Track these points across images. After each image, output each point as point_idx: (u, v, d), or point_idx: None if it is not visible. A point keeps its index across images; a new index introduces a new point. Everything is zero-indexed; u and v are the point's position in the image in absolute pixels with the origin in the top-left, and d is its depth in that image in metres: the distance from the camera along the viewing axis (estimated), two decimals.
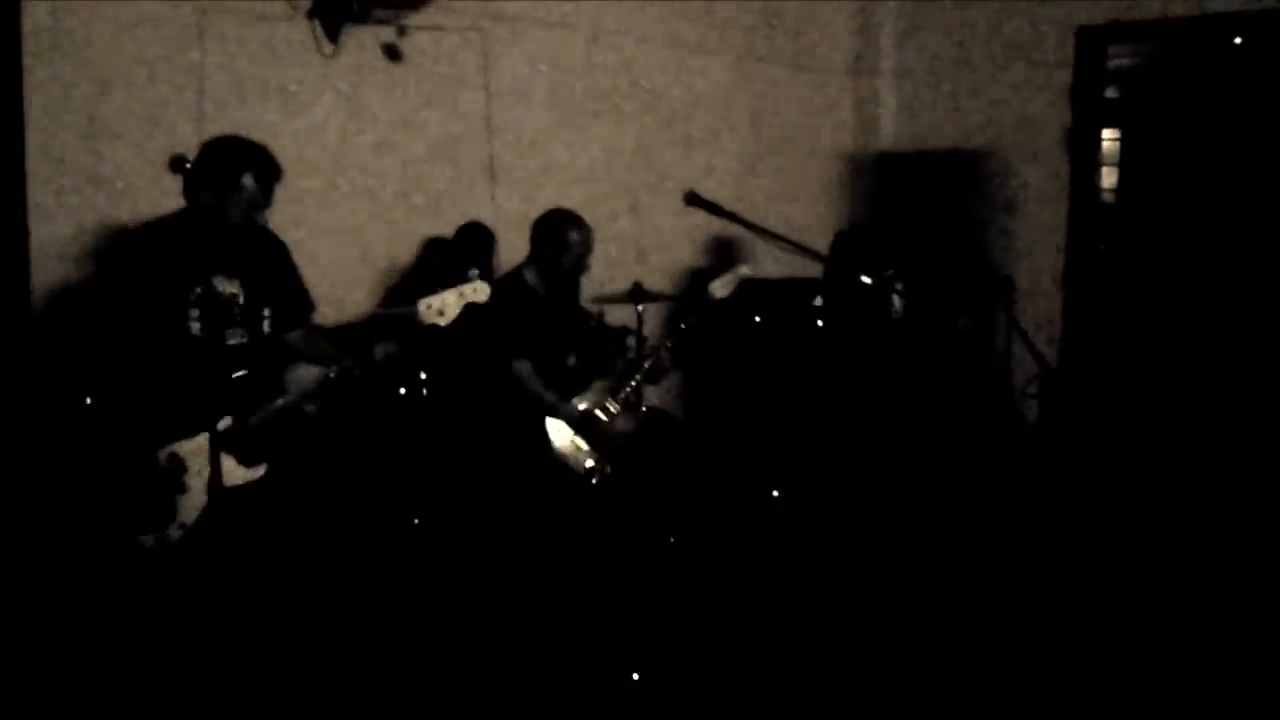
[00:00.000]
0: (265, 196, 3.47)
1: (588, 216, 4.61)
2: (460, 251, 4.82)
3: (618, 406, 4.37)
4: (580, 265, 4.53)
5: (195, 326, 3.39)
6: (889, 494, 4.92)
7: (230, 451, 3.33)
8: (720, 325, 5.07)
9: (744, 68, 6.21)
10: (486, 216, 5.12)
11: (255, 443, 3.41)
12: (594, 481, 4.24)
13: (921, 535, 4.69)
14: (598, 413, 4.33)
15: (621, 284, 4.86)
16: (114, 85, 4.30)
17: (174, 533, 3.29)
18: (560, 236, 4.45)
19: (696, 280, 5.78)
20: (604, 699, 3.51)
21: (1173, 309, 5.69)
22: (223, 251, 3.44)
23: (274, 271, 3.64)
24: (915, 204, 6.27)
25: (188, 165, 3.35)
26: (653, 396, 4.92)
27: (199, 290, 3.36)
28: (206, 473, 3.17)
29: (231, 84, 4.55)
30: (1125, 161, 6.02)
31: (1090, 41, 6.00)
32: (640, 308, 4.72)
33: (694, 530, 4.58)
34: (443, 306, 3.55)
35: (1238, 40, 5.57)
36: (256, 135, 4.50)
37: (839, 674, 3.70)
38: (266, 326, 3.55)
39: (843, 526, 4.75)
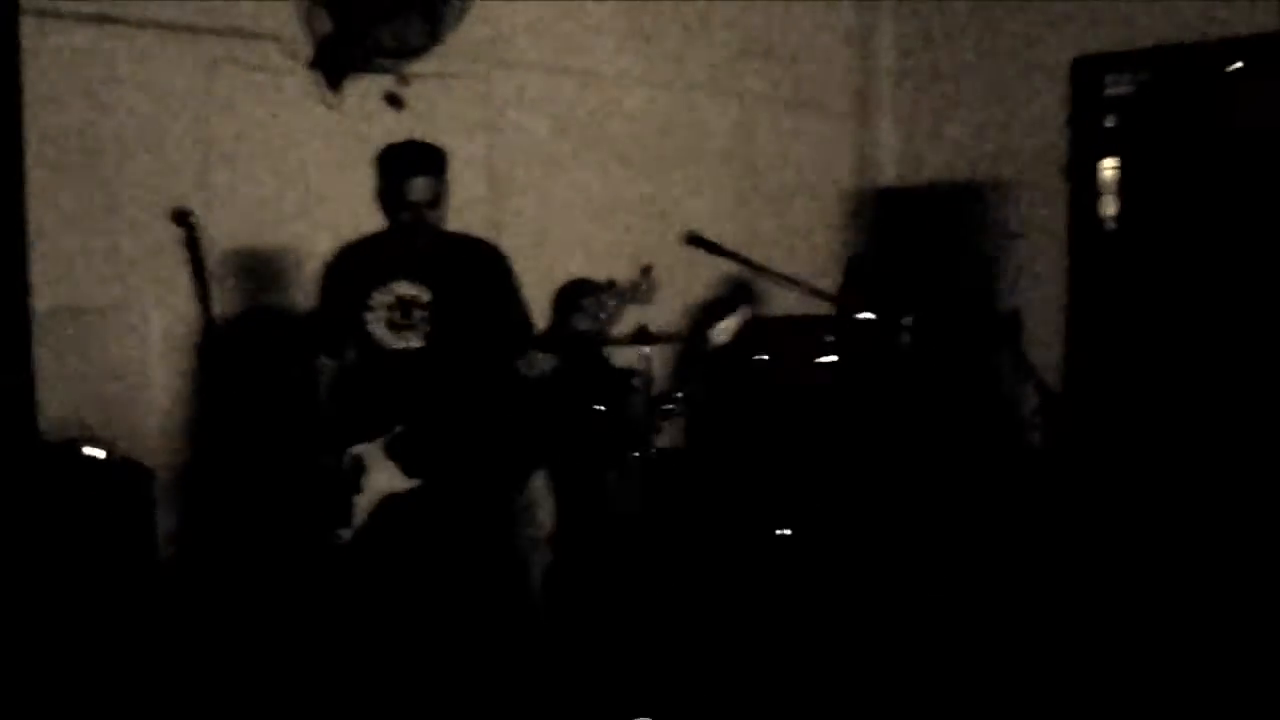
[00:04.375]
0: (431, 195, 3.52)
1: (591, 260, 4.65)
2: None
3: None
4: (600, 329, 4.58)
5: (375, 330, 3.53)
6: (897, 529, 4.91)
7: (396, 459, 3.48)
8: (724, 365, 5.09)
9: (745, 108, 6.25)
10: None
11: (417, 453, 3.50)
12: None
13: (931, 568, 4.69)
14: None
15: (626, 326, 4.86)
16: (119, 141, 4.33)
17: (344, 534, 3.46)
18: (574, 304, 4.53)
19: (701, 323, 5.80)
20: None
21: (1177, 335, 5.69)
22: (412, 257, 3.56)
23: (477, 282, 3.64)
24: (918, 238, 6.29)
25: (190, 218, 3.42)
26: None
27: (377, 293, 3.53)
28: (379, 477, 3.44)
29: (236, 136, 4.58)
30: (1125, 189, 6.04)
31: (1087, 71, 6.03)
32: (647, 350, 4.73)
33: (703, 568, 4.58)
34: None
35: (1236, 65, 5.60)
36: (262, 186, 4.63)
37: (853, 702, 3.70)
38: (450, 328, 3.56)
39: (852, 562, 4.74)
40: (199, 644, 3.74)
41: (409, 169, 3.51)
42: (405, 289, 3.55)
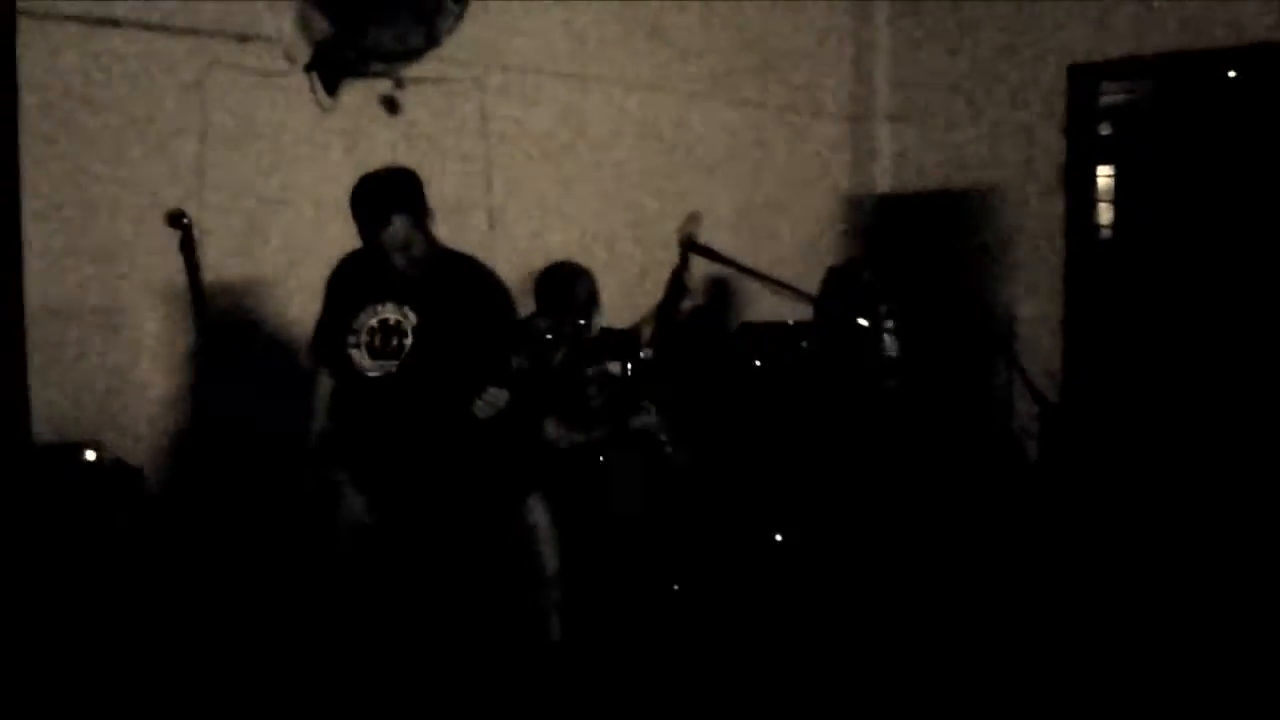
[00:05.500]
0: (405, 238, 3.36)
1: (586, 263, 4.65)
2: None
3: None
4: (587, 311, 4.55)
5: (354, 354, 3.42)
6: (891, 534, 4.91)
7: (363, 492, 3.43)
8: (719, 369, 5.09)
9: (741, 114, 6.25)
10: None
11: (380, 489, 3.43)
12: None
13: (926, 576, 4.68)
14: None
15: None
16: (114, 143, 4.32)
17: (332, 553, 3.45)
18: (563, 289, 4.49)
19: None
20: None
21: (1174, 343, 5.70)
22: (402, 278, 3.41)
23: (465, 311, 3.45)
24: (913, 245, 6.30)
25: (185, 220, 3.41)
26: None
27: (363, 314, 3.42)
28: (351, 507, 3.41)
29: (232, 139, 4.57)
30: (1121, 197, 6.05)
31: (1083, 79, 6.05)
32: (643, 354, 4.73)
33: (698, 575, 4.57)
34: None
35: (1230, 74, 5.61)
36: (257, 190, 4.62)
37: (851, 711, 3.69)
38: (430, 358, 3.40)
39: (847, 566, 4.73)
40: (187, 644, 3.72)
41: (379, 214, 3.36)
42: (390, 312, 3.44)
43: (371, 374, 3.41)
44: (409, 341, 3.40)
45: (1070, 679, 3.88)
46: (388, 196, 3.39)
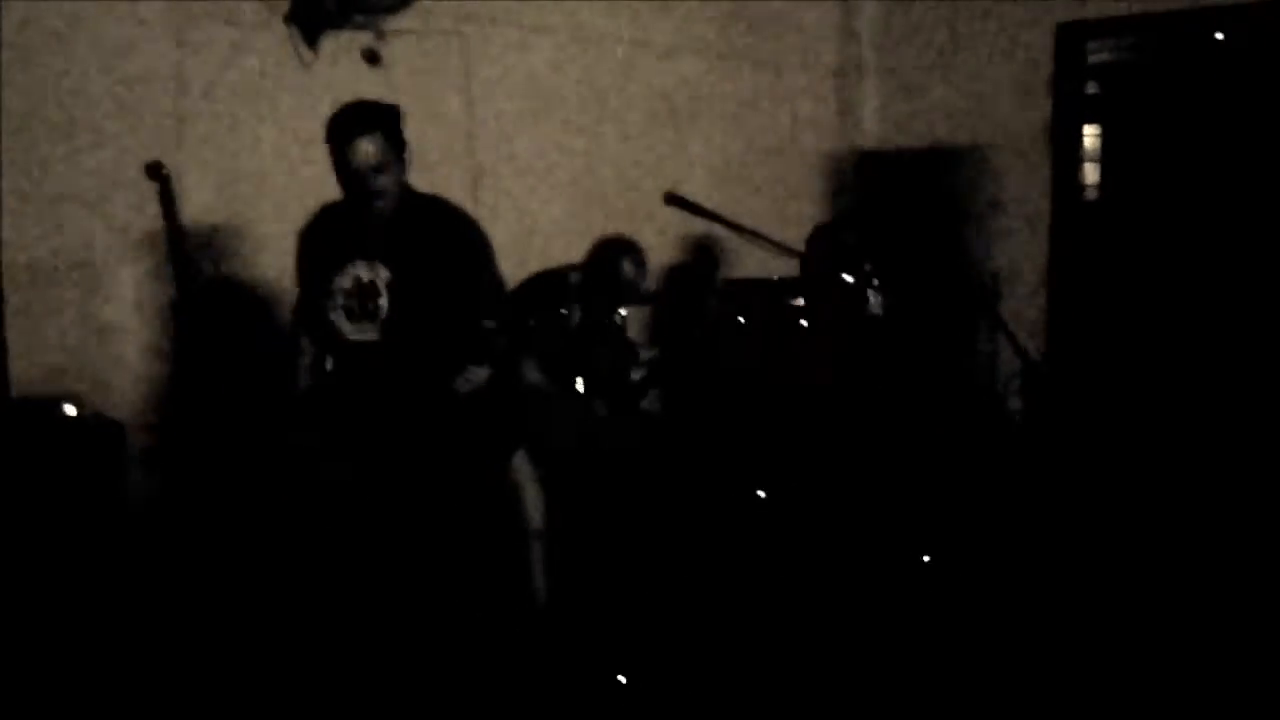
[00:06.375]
0: (378, 158, 3.24)
1: (569, 220, 4.64)
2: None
3: None
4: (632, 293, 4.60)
5: (335, 319, 3.34)
6: (875, 492, 4.92)
7: (343, 454, 3.38)
8: (704, 327, 5.09)
9: (726, 69, 6.21)
10: None
11: (362, 451, 3.37)
12: None
13: (909, 532, 4.70)
14: None
15: None
16: (92, 96, 4.27)
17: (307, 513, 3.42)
18: (614, 266, 4.56)
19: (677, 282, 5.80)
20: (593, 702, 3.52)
21: (1157, 304, 5.71)
22: (371, 232, 3.32)
23: (442, 258, 3.35)
24: (898, 202, 6.28)
25: (164, 172, 3.38)
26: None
27: (337, 276, 3.32)
28: (330, 469, 3.37)
29: (210, 91, 4.53)
30: (1107, 157, 6.04)
31: (1070, 37, 6.01)
32: (623, 311, 4.73)
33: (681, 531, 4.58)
34: None
35: (1219, 35, 5.59)
36: (236, 143, 4.58)
37: (833, 673, 3.71)
38: (408, 318, 3.32)
39: (831, 524, 4.75)
40: (168, 599, 3.72)
41: (351, 130, 3.24)
42: (363, 271, 3.33)
43: (352, 338, 3.36)
44: (384, 301, 3.32)
45: (1047, 636, 3.91)
46: (363, 115, 3.32)
